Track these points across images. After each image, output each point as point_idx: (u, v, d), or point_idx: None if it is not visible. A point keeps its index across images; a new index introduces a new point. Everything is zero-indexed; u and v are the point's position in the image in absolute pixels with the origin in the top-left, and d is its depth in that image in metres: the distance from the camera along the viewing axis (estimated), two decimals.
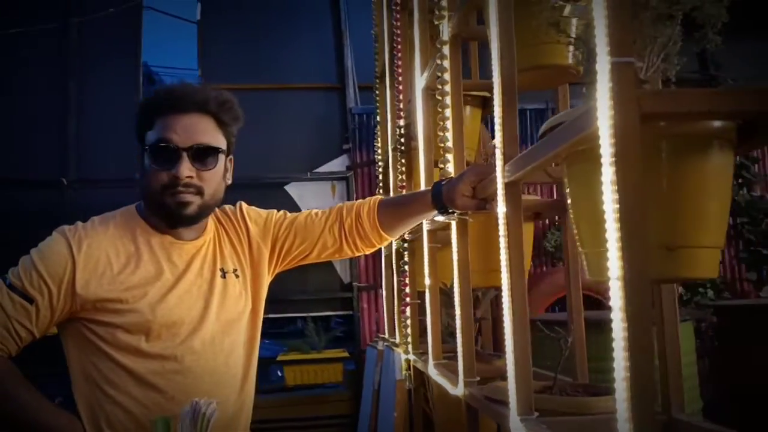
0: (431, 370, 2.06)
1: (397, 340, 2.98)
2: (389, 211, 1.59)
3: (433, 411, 2.15)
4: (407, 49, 2.62)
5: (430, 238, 2.07)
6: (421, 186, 2.13)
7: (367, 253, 1.66)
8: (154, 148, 1.37)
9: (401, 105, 2.70)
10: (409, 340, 2.59)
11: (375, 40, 3.89)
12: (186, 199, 1.37)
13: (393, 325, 3.23)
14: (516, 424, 1.13)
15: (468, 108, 2.29)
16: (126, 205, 1.51)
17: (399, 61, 2.74)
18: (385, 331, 3.69)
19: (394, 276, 3.08)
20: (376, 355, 3.38)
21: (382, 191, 3.60)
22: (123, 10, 5.42)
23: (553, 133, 0.90)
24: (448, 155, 1.65)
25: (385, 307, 3.68)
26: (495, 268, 1.27)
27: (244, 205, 1.66)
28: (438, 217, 1.63)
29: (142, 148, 1.41)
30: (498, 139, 1.18)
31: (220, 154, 1.42)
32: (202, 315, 1.43)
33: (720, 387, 4.47)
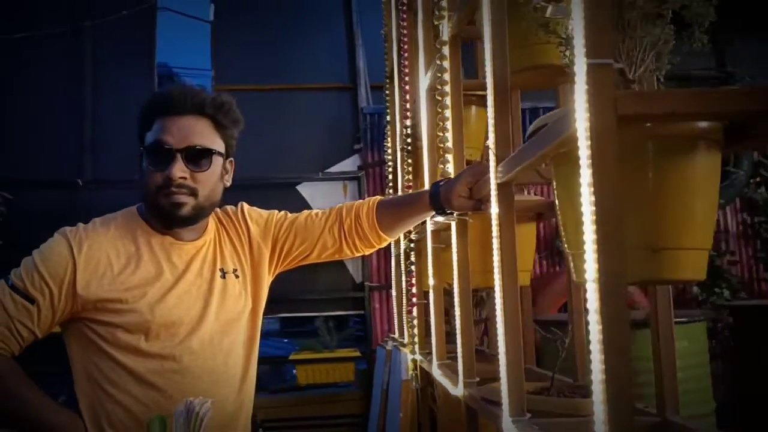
0: (435, 371, 2.07)
1: (405, 340, 2.98)
2: (388, 212, 1.59)
3: (438, 411, 2.15)
4: (413, 49, 2.62)
5: (434, 239, 2.07)
6: (426, 186, 2.13)
7: (367, 253, 1.66)
8: (150, 149, 1.39)
9: (407, 105, 2.70)
10: (415, 340, 2.59)
11: (385, 40, 3.89)
12: (179, 200, 1.38)
13: (402, 325, 3.24)
14: (508, 426, 1.12)
15: (473, 108, 2.28)
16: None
17: (405, 61, 2.74)
18: (395, 330, 3.70)
19: (403, 276, 3.08)
20: (385, 355, 3.38)
21: (392, 191, 3.60)
22: (137, 12, 5.47)
23: (538, 135, 0.90)
24: (448, 155, 1.65)
25: (395, 307, 3.69)
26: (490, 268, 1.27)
27: (245, 205, 1.67)
28: (437, 218, 1.63)
29: (140, 149, 1.43)
30: (491, 140, 1.18)
31: (215, 156, 1.42)
32: (201, 315, 1.45)
33: (735, 388, 4.42)
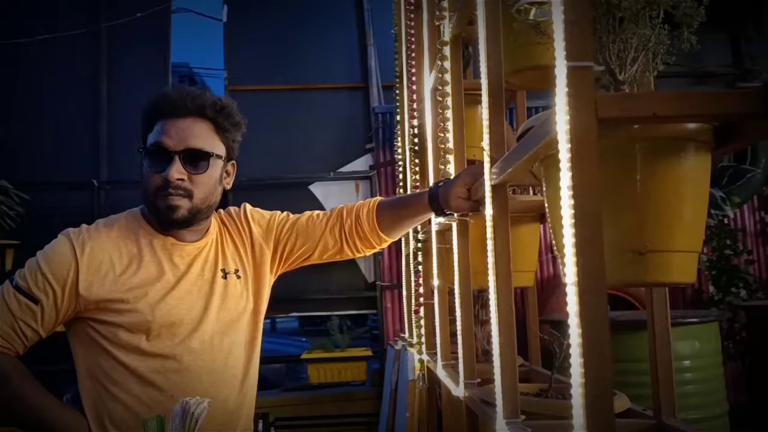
0: (440, 371, 2.06)
1: (413, 340, 2.98)
2: (388, 213, 1.59)
3: (443, 412, 2.14)
4: (420, 49, 2.62)
5: (439, 239, 2.07)
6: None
7: (368, 254, 1.67)
8: (149, 151, 1.41)
9: (414, 105, 2.70)
10: (422, 340, 2.59)
11: (395, 39, 3.90)
12: (175, 202, 1.40)
13: (410, 325, 3.24)
14: (501, 428, 1.12)
15: (480, 107, 2.28)
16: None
17: (413, 61, 2.74)
18: (405, 330, 3.70)
19: (411, 276, 3.08)
20: (394, 355, 3.38)
21: (402, 190, 3.61)
22: (152, 13, 5.53)
23: (525, 138, 0.90)
24: (449, 156, 1.65)
25: (405, 307, 3.69)
26: None
27: (248, 206, 1.68)
28: (438, 219, 1.63)
29: (139, 151, 1.44)
30: (485, 142, 1.18)
31: (214, 159, 1.44)
32: (202, 315, 1.46)
33: (750, 389, 4.36)
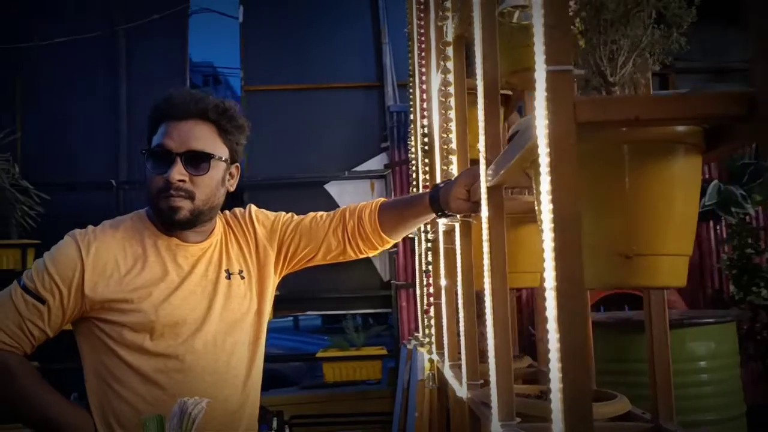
0: (447, 371, 2.07)
1: (425, 339, 2.98)
2: (390, 214, 1.60)
3: (451, 412, 2.14)
4: (429, 48, 2.62)
5: (445, 239, 2.07)
6: None
7: (371, 255, 1.67)
8: (152, 153, 1.43)
9: (424, 104, 2.70)
10: (432, 340, 2.59)
11: (408, 38, 3.89)
12: (176, 203, 1.41)
13: (422, 325, 3.24)
14: (496, 430, 1.12)
15: None
16: None
17: (423, 60, 2.74)
18: (419, 329, 3.70)
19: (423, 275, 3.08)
20: (406, 354, 3.39)
21: (415, 189, 3.61)
22: (170, 14, 5.58)
23: (512, 141, 0.90)
24: (452, 157, 1.65)
25: (418, 306, 3.69)
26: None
27: (253, 207, 1.69)
28: (441, 220, 1.63)
29: (142, 152, 1.47)
30: (481, 143, 1.17)
31: (215, 161, 1.45)
32: (205, 315, 1.48)
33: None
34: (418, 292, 3.71)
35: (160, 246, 1.50)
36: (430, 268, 2.61)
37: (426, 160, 2.69)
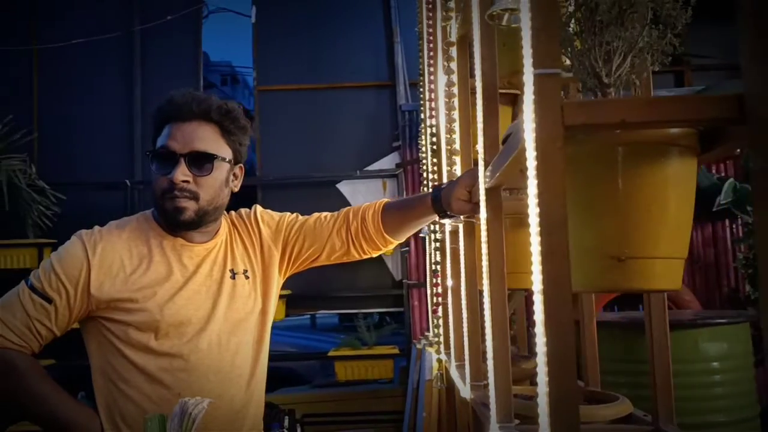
0: (453, 371, 2.07)
1: (433, 340, 2.98)
2: (392, 215, 1.60)
3: (457, 412, 2.14)
4: (436, 48, 2.61)
5: (452, 239, 2.07)
6: None
7: (374, 255, 1.67)
8: (156, 154, 1.45)
9: (432, 104, 2.70)
10: (440, 339, 2.59)
11: (419, 37, 3.89)
12: (181, 204, 1.43)
13: (431, 324, 3.24)
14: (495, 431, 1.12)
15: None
16: None
17: (431, 60, 2.74)
18: (430, 329, 3.70)
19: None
20: (416, 354, 3.39)
21: (426, 189, 3.61)
22: (185, 15, 5.62)
23: (506, 143, 0.90)
24: (455, 157, 1.64)
25: (429, 306, 3.69)
26: (510, 270, 1.26)
27: (258, 208, 1.70)
28: (444, 221, 1.63)
29: (146, 154, 1.48)
30: (480, 145, 1.17)
31: (219, 161, 1.46)
32: (210, 315, 1.49)
33: None
34: (428, 291, 3.71)
35: (165, 246, 1.51)
36: (438, 268, 2.62)
37: (434, 160, 2.69)
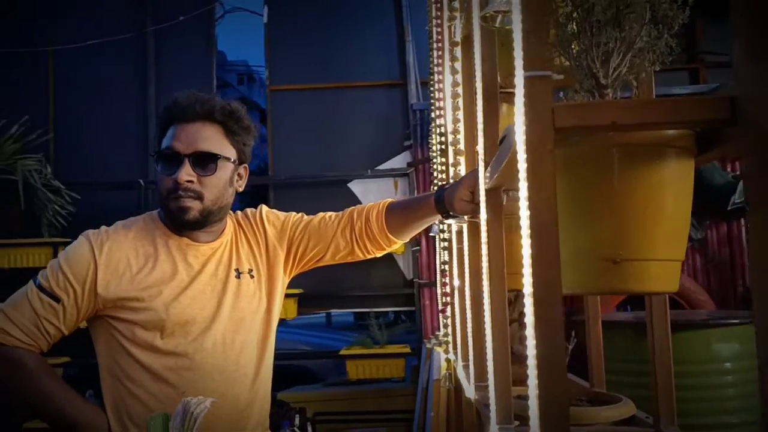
0: (459, 372, 2.06)
1: (442, 339, 2.98)
2: (396, 215, 1.60)
3: (463, 412, 2.14)
4: (443, 48, 2.61)
5: (458, 239, 2.07)
6: None
7: (379, 255, 1.68)
8: (161, 155, 1.46)
9: (440, 104, 2.69)
10: (449, 339, 2.59)
11: (429, 36, 3.88)
12: (186, 204, 1.44)
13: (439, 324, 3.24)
14: None
15: (504, 105, 2.26)
16: None
17: (439, 59, 2.73)
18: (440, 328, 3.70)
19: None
20: (426, 353, 3.39)
21: (434, 189, 3.60)
22: (198, 15, 5.66)
23: (502, 145, 0.90)
24: (459, 158, 1.64)
25: (439, 305, 3.69)
26: (515, 270, 1.26)
27: (264, 207, 1.71)
28: (448, 221, 1.63)
29: (151, 155, 1.50)
30: (479, 146, 1.17)
31: (223, 161, 1.48)
32: (214, 314, 1.50)
33: None
34: (438, 291, 3.71)
35: (170, 245, 1.53)
36: (446, 267, 2.61)
37: (443, 160, 2.69)
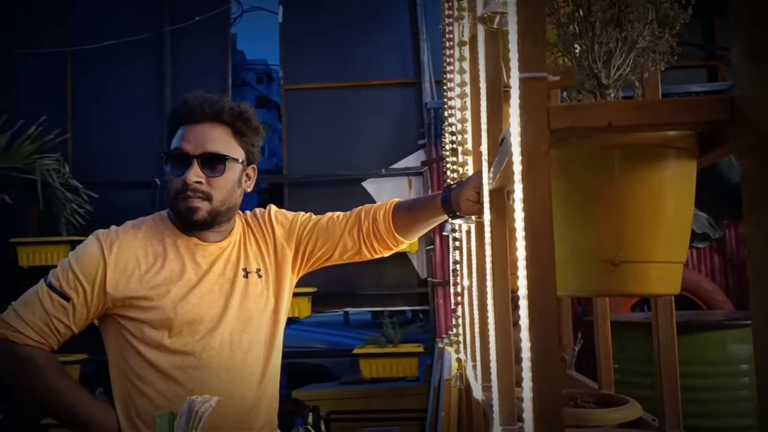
0: (469, 372, 2.06)
1: (454, 339, 2.97)
2: (403, 215, 1.61)
3: (472, 413, 2.14)
4: (453, 47, 2.60)
5: (467, 239, 2.06)
6: None
7: (386, 255, 1.68)
8: (170, 156, 1.48)
9: (451, 103, 2.69)
10: (460, 339, 2.58)
11: (442, 35, 3.88)
12: (194, 204, 1.46)
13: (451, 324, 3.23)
14: None
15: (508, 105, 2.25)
16: None
17: (450, 58, 2.73)
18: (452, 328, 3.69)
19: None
20: (438, 353, 3.39)
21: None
22: (214, 15, 5.69)
23: (502, 146, 0.90)
24: (467, 157, 1.64)
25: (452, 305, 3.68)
26: (514, 271, 1.26)
27: (273, 207, 1.73)
28: (456, 221, 1.63)
29: (160, 156, 1.52)
30: (483, 146, 1.17)
31: (231, 162, 1.49)
32: (222, 313, 1.52)
33: None
34: (450, 290, 3.70)
35: (179, 245, 1.54)
36: (458, 267, 2.61)
37: (454, 159, 2.68)
